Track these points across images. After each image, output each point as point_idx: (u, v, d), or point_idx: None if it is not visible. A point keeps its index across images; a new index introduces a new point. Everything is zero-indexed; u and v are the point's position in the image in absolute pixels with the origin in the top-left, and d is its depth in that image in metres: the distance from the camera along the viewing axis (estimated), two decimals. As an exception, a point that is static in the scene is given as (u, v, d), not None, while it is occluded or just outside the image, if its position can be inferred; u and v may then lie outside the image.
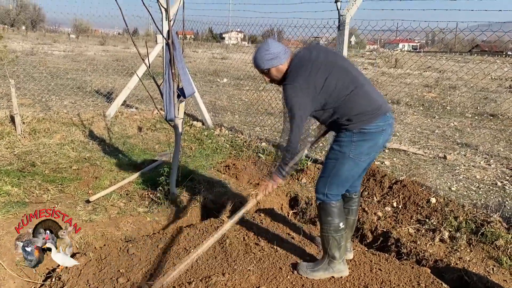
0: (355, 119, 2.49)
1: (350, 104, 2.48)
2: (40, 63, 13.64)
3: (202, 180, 4.50)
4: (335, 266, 2.75)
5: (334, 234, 2.70)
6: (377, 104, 2.53)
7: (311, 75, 2.47)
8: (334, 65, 2.52)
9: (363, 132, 2.51)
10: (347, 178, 2.67)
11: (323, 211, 2.73)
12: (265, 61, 2.57)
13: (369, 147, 2.56)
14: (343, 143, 2.57)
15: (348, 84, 2.49)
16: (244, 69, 12.15)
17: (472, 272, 2.95)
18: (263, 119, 7.70)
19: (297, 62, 2.55)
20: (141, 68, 6.48)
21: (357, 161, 2.58)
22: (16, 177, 4.22)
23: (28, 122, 5.85)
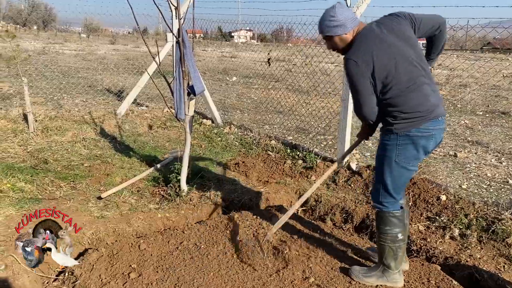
0: (400, 118, 2.35)
1: (401, 99, 2.33)
2: (51, 62, 13.80)
3: (212, 178, 4.53)
4: (390, 275, 2.65)
5: (391, 244, 2.57)
6: (430, 107, 2.34)
7: (373, 53, 2.30)
8: (401, 51, 2.33)
9: (409, 136, 2.36)
10: (399, 184, 2.52)
11: (381, 220, 2.60)
12: (329, 28, 2.41)
13: (416, 152, 2.41)
14: (388, 147, 2.44)
15: (407, 78, 2.32)
16: (253, 68, 12.16)
17: (482, 270, 2.94)
18: (272, 117, 7.71)
19: (363, 35, 2.38)
20: (151, 66, 6.54)
21: (405, 166, 2.44)
22: (29, 174, 4.29)
23: (41, 120, 5.93)
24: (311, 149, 5.40)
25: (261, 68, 9.49)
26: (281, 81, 11.60)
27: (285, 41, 20.26)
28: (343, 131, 4.70)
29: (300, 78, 8.30)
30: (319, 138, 6.32)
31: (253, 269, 2.86)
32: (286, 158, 5.23)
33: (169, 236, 3.30)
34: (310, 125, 7.02)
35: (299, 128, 6.95)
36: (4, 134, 5.44)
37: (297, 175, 4.77)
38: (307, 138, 6.33)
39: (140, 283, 2.68)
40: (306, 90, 9.84)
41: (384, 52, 2.31)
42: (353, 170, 4.60)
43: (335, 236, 3.41)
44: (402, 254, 2.65)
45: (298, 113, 7.92)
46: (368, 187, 4.24)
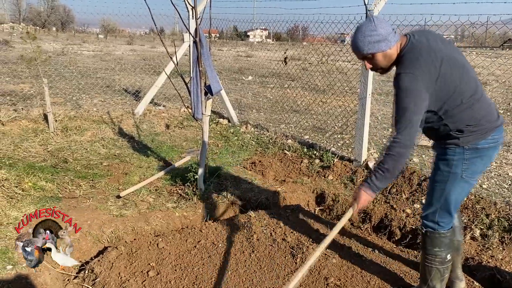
0: (467, 131, 2.14)
1: (468, 112, 2.12)
2: (70, 63, 14.01)
3: (228, 177, 4.54)
4: None
5: (439, 266, 2.39)
6: (496, 115, 2.19)
7: (432, 65, 2.05)
8: (455, 60, 2.12)
9: (477, 148, 2.17)
10: (458, 200, 2.32)
11: (431, 240, 2.37)
12: (371, 44, 2.11)
13: (483, 165, 2.24)
14: (453, 161, 2.21)
15: (471, 88, 2.13)
16: (269, 67, 12.15)
17: (505, 271, 2.88)
18: (289, 116, 7.69)
19: (413, 48, 2.11)
20: (168, 66, 6.58)
21: (469, 181, 2.24)
22: (50, 173, 4.37)
23: (60, 120, 6.03)
24: (328, 148, 5.37)
25: (277, 67, 9.48)
26: (297, 80, 11.56)
27: (300, 40, 20.19)
28: (360, 130, 4.66)
29: (316, 77, 8.25)
30: (336, 137, 6.27)
31: (271, 269, 2.85)
32: (303, 157, 5.21)
33: (186, 234, 3.32)
34: (327, 124, 6.98)
35: (316, 127, 6.92)
36: (25, 134, 5.55)
37: (314, 175, 4.74)
38: (323, 137, 6.29)
39: (158, 281, 2.71)
40: (323, 89, 9.79)
41: (444, 64, 2.07)
42: (371, 170, 4.55)
43: (353, 236, 3.39)
44: (448, 275, 2.47)
45: (314, 112, 7.89)
46: (386, 187, 4.19)
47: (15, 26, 36.79)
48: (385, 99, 9.82)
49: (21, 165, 4.48)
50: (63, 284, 2.79)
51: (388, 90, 10.90)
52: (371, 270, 2.84)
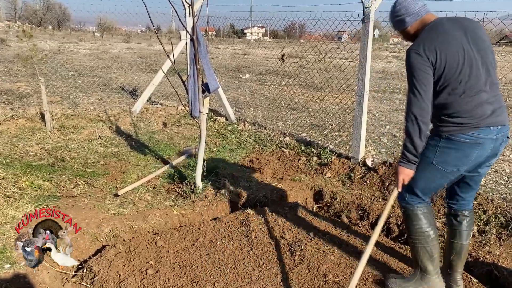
0: (447, 121, 2.26)
1: (455, 103, 2.22)
2: (67, 61, 13.97)
3: (226, 175, 4.54)
4: (429, 280, 2.51)
5: (424, 244, 2.46)
6: (482, 113, 2.22)
7: (439, 49, 2.20)
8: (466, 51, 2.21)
9: (451, 140, 2.26)
10: (429, 187, 2.43)
11: (408, 217, 2.51)
12: (395, 24, 2.49)
13: (456, 158, 2.28)
14: (429, 146, 2.36)
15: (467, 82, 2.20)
16: (266, 64, 12.14)
17: (502, 267, 2.90)
18: (286, 114, 7.69)
19: (431, 28, 2.30)
20: (165, 64, 6.57)
21: (441, 170, 2.33)
22: (47, 171, 4.36)
23: (57, 119, 6.01)
24: (326, 145, 5.37)
25: (274, 65, 9.47)
26: (294, 78, 11.56)
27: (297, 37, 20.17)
28: (358, 127, 4.67)
29: (313, 75, 8.26)
30: (333, 135, 6.28)
31: (270, 266, 2.86)
32: (301, 155, 5.21)
33: (185, 232, 3.32)
34: (325, 121, 6.98)
35: (313, 124, 6.92)
36: (22, 132, 5.53)
37: (312, 172, 4.75)
38: (321, 135, 6.30)
39: (157, 279, 2.71)
40: (320, 86, 9.79)
41: (450, 49, 2.20)
42: (369, 167, 4.56)
43: (351, 233, 3.39)
44: (438, 253, 2.51)
45: (312, 109, 7.89)
46: (384, 184, 4.20)
47: (11, 24, 36.64)
48: (383, 96, 9.84)
49: (18, 164, 4.46)
50: (62, 283, 2.79)
51: (386, 87, 10.92)
52: (369, 267, 2.85)
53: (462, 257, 2.57)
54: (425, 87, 2.22)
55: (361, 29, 4.48)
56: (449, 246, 2.60)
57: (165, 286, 2.64)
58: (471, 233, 2.64)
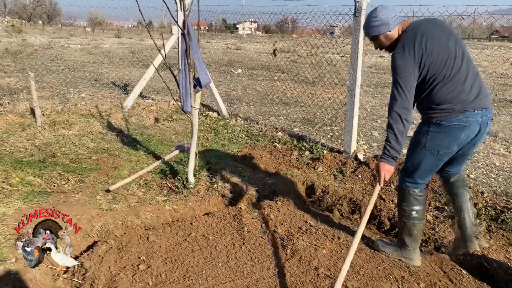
0: (436, 109, 2.47)
1: (438, 92, 2.44)
2: (57, 56, 13.83)
3: (218, 170, 4.54)
4: (404, 251, 2.82)
5: (406, 220, 2.75)
6: (466, 99, 2.42)
7: (419, 47, 2.42)
8: (443, 46, 2.44)
9: (440, 124, 2.48)
10: (424, 169, 2.64)
11: (400, 195, 2.79)
12: (372, 28, 2.58)
13: (446, 141, 2.50)
14: (420, 131, 2.58)
15: (446, 70, 2.42)
16: (258, 59, 12.12)
17: (492, 259, 2.93)
18: (278, 108, 7.69)
19: (409, 31, 2.50)
20: (157, 59, 6.53)
21: (434, 153, 2.55)
22: (38, 167, 4.32)
23: (48, 114, 5.96)
24: (318, 140, 5.38)
25: (266, 59, 9.46)
26: (286, 72, 11.55)
27: (290, 32, 20.15)
28: (349, 122, 4.68)
29: (305, 69, 8.26)
30: (325, 129, 6.29)
31: (262, 260, 2.87)
32: (293, 150, 5.22)
33: (177, 228, 3.32)
34: (317, 116, 6.99)
35: (305, 119, 6.93)
36: (12, 128, 5.47)
37: (304, 167, 4.76)
38: (313, 129, 6.31)
39: (149, 274, 2.70)
40: (312, 81, 9.80)
41: (430, 46, 2.41)
42: (360, 161, 4.58)
43: (343, 227, 3.41)
44: (418, 233, 2.77)
45: (304, 104, 7.90)
46: (375, 178, 4.22)
47: (0, 19, 36.14)
48: (374, 90, 9.87)
49: (8, 160, 4.42)
50: (53, 279, 2.77)
51: (377, 82, 10.95)
52: (361, 260, 2.87)
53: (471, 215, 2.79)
54: (410, 88, 2.44)
55: (353, 23, 4.48)
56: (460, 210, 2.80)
57: (157, 281, 2.64)
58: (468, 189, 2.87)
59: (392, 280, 2.65)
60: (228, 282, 2.62)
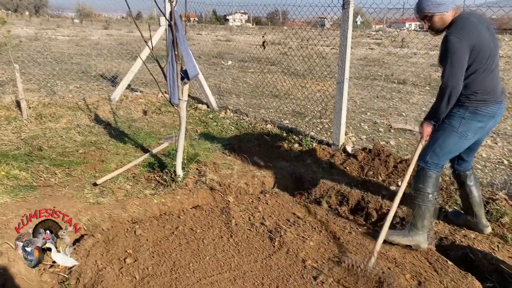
0: (474, 98, 2.65)
1: (479, 82, 2.62)
2: (44, 48, 13.63)
3: (207, 162, 4.52)
4: (415, 235, 2.89)
5: (421, 203, 2.86)
6: (498, 92, 2.71)
7: (472, 36, 2.54)
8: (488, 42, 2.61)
9: (476, 113, 2.68)
10: (450, 151, 2.82)
11: (419, 176, 2.88)
12: (433, 5, 2.63)
13: (477, 128, 2.73)
14: (454, 117, 2.74)
15: (488, 63, 2.61)
16: (249, 51, 12.06)
17: (477, 250, 2.96)
18: (268, 101, 7.68)
19: (464, 18, 2.62)
20: (144, 51, 6.46)
21: (462, 137, 2.75)
22: (24, 161, 4.27)
23: (34, 107, 5.88)
24: (307, 132, 5.39)
25: (257, 51, 9.42)
26: (276, 65, 11.52)
27: (280, 24, 20.07)
28: (338, 114, 4.69)
29: (296, 62, 8.24)
30: (315, 122, 6.30)
31: (249, 253, 2.87)
32: (282, 142, 5.21)
33: (164, 221, 3.31)
34: (306, 108, 6.99)
35: (295, 112, 6.93)
36: (-3, 121, 5.39)
37: (293, 159, 4.76)
38: (303, 122, 6.31)
39: (136, 268, 2.69)
40: (302, 73, 9.78)
41: (479, 38, 2.57)
42: (349, 153, 4.60)
43: (330, 218, 3.42)
44: (429, 217, 2.90)
45: (294, 96, 7.89)
46: (363, 169, 4.24)
47: (-15, 10, 35.49)
48: (364, 83, 9.89)
49: (-7, 153, 4.36)
50: (39, 273, 2.74)
51: (367, 74, 10.97)
52: (348, 251, 2.89)
53: (481, 205, 3.11)
54: (462, 68, 2.58)
55: (342, 15, 4.47)
56: (469, 202, 3.10)
57: (144, 274, 2.63)
58: (479, 186, 3.15)
59: (378, 270, 2.67)
60: (215, 275, 2.62)
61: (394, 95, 8.44)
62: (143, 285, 2.52)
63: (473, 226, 3.15)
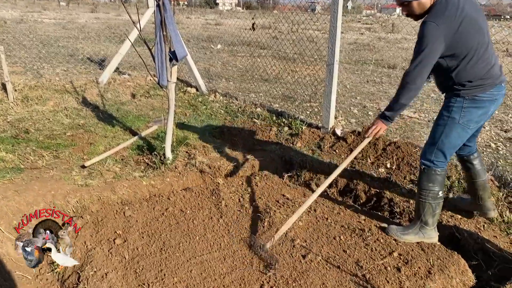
0: (469, 85, 2.49)
1: (471, 68, 2.45)
2: (30, 31, 13.35)
3: (197, 145, 4.50)
4: (426, 232, 2.81)
5: (432, 201, 2.74)
6: (495, 73, 2.52)
7: (454, 20, 2.37)
8: (475, 22, 2.42)
9: (475, 100, 2.51)
10: (454, 144, 2.67)
11: (426, 176, 2.73)
12: None
13: (479, 115, 2.57)
14: (453, 108, 2.57)
15: (478, 46, 2.43)
16: (239, 35, 11.95)
17: (463, 229, 3.01)
18: (258, 85, 7.64)
19: (444, 2, 2.43)
20: (133, 33, 6.37)
21: (465, 128, 2.59)
22: (10, 143, 4.21)
23: (20, 90, 5.78)
24: (297, 116, 5.38)
25: (247, 35, 9.35)
26: (267, 49, 11.45)
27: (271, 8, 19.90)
28: (328, 97, 4.68)
29: (286, 46, 8.20)
30: (304, 106, 6.29)
31: (239, 233, 2.88)
32: (272, 126, 5.21)
33: (154, 202, 3.30)
34: (296, 92, 6.98)
35: (285, 95, 6.91)
36: (-17, 104, 5.30)
37: (283, 142, 4.76)
38: (293, 106, 6.30)
39: (125, 248, 2.69)
40: (292, 57, 9.74)
41: (464, 22, 2.38)
42: (338, 136, 4.61)
43: (319, 200, 3.45)
44: (439, 212, 2.81)
45: (284, 80, 7.86)
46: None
47: (-32, -8, 34.60)
48: (354, 67, 9.89)
49: (-21, 136, 4.29)
50: (27, 254, 2.73)
51: (357, 59, 10.97)
52: (336, 231, 2.92)
53: (487, 189, 3.00)
54: (432, 59, 2.43)
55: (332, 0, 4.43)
56: (473, 186, 3.00)
57: (134, 254, 2.63)
58: (485, 168, 3.05)
59: (366, 248, 2.71)
60: (205, 254, 2.64)
61: (384, 80, 8.45)
62: (133, 265, 2.53)
63: (478, 209, 3.10)
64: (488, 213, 3.05)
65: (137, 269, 2.48)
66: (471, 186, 3.05)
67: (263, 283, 2.36)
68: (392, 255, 2.66)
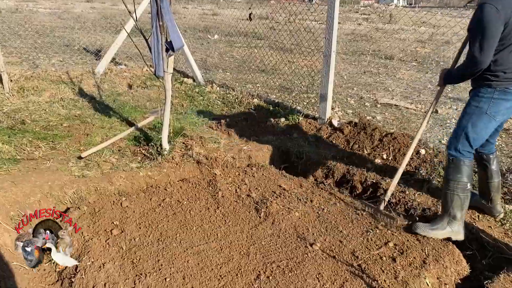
0: (503, 76, 2.49)
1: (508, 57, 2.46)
2: (25, 20, 13.23)
3: (194, 136, 4.50)
4: (455, 226, 2.75)
5: (460, 193, 2.70)
6: None
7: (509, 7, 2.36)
8: None
9: (506, 92, 2.53)
10: (481, 134, 2.67)
11: (454, 167, 2.72)
12: None
13: (507, 108, 2.58)
14: (482, 98, 2.59)
15: None
16: (236, 26, 11.88)
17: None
18: (255, 76, 7.62)
19: None
20: (129, 23, 6.32)
21: (492, 119, 2.60)
22: (6, 134, 4.20)
23: (16, 80, 5.74)
24: (294, 107, 5.39)
25: (244, 25, 9.30)
26: (264, 39, 11.40)
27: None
28: (325, 87, 4.68)
29: (283, 36, 8.16)
30: (302, 96, 6.29)
31: (236, 223, 2.90)
32: (269, 116, 5.21)
33: (151, 193, 3.31)
34: (293, 83, 6.97)
35: (282, 86, 6.90)
36: (-22, 94, 5.27)
37: (280, 133, 4.77)
38: (290, 97, 6.29)
39: (122, 239, 2.70)
40: (290, 48, 9.70)
41: None
42: (335, 127, 4.62)
43: (316, 190, 3.46)
44: (467, 207, 2.76)
45: (281, 71, 7.84)
46: (349, 143, 4.27)
47: (-38, -19, 34.14)
48: (351, 58, 9.87)
49: (-25, 127, 4.27)
50: (24, 245, 2.74)
51: (354, 49, 10.94)
52: (332, 221, 2.93)
53: (499, 191, 3.01)
54: (493, 42, 2.40)
55: (329, -13, 4.41)
56: (487, 186, 2.99)
57: (131, 245, 2.64)
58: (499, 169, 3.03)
59: (362, 238, 2.73)
60: (202, 244, 2.65)
61: (381, 71, 8.44)
62: (130, 255, 2.54)
63: (487, 210, 3.08)
64: (496, 215, 3.04)
65: (134, 259, 2.49)
66: (485, 186, 3.03)
67: (260, 273, 2.38)
68: (387, 245, 2.68)
